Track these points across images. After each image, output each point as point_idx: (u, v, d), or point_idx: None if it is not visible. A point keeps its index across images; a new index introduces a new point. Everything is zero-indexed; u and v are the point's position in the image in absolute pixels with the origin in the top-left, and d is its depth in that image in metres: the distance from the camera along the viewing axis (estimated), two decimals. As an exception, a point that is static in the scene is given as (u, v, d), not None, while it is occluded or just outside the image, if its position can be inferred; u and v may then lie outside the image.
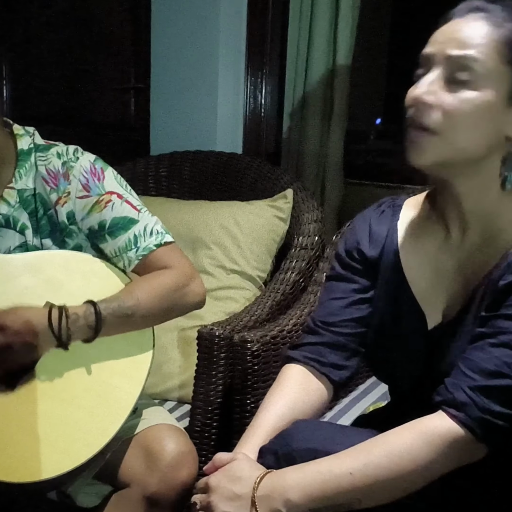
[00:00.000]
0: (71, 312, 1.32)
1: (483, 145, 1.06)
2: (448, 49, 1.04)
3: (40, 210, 1.45)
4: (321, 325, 1.27)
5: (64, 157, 1.45)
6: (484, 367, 1.03)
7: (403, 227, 1.23)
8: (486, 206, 1.11)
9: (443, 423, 1.03)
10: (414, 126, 1.06)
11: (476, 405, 1.01)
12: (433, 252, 1.18)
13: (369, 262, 1.24)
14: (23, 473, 1.29)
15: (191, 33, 2.53)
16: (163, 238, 1.45)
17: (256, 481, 1.07)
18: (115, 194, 1.45)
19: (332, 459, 1.05)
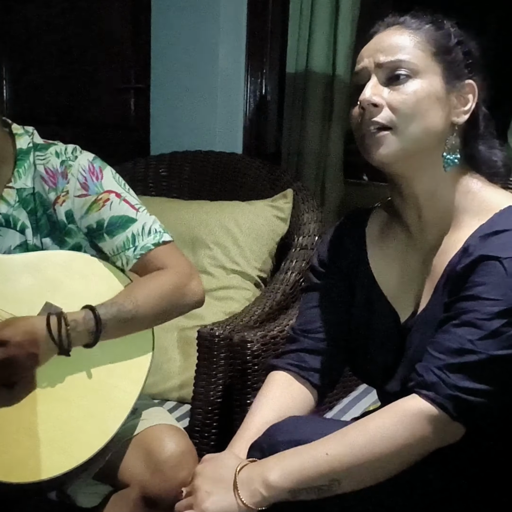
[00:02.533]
0: (70, 319, 1.32)
1: (437, 133, 1.12)
2: (377, 58, 1.14)
3: (39, 209, 1.45)
4: (300, 332, 1.32)
5: (62, 156, 1.45)
6: (449, 346, 1.06)
7: (370, 234, 1.29)
8: (440, 201, 1.16)
9: (416, 403, 1.06)
10: (367, 128, 1.12)
11: (445, 383, 1.04)
12: (399, 254, 1.24)
13: (341, 270, 1.30)
14: (23, 473, 1.29)
15: (191, 33, 2.53)
16: (161, 237, 1.45)
17: (239, 467, 1.10)
18: (114, 193, 1.45)
19: (312, 444, 1.08)
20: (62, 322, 1.31)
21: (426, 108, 1.11)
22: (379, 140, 1.11)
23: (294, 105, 2.53)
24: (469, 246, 1.10)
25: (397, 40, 1.14)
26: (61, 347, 1.32)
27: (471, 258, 1.08)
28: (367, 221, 1.30)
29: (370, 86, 1.13)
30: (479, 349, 1.04)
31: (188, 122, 2.59)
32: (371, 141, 1.12)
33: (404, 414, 1.05)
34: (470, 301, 1.07)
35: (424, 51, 1.13)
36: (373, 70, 1.14)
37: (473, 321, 1.05)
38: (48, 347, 1.31)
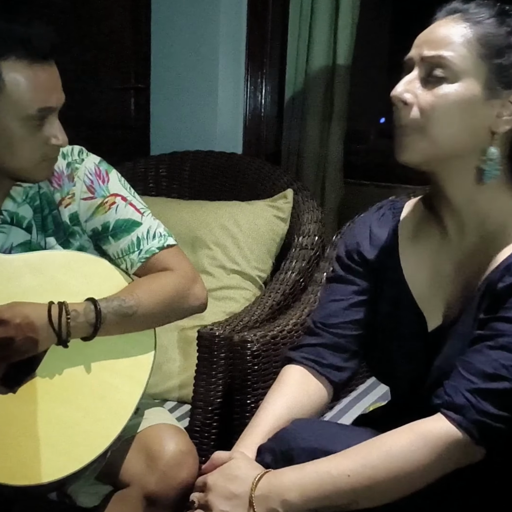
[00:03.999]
0: (71, 309, 1.32)
1: (467, 140, 1.08)
2: (423, 50, 1.08)
3: (45, 208, 1.45)
4: (321, 326, 1.27)
5: (69, 158, 1.45)
6: (482, 369, 1.03)
7: (403, 230, 1.23)
8: (478, 204, 1.11)
9: (441, 425, 1.03)
10: (397, 126, 1.09)
11: (474, 408, 1.02)
12: (432, 254, 1.18)
13: (369, 264, 1.25)
14: (24, 476, 1.28)
15: (191, 33, 2.53)
16: (166, 241, 1.45)
17: (254, 481, 1.07)
18: (120, 196, 1.45)
19: (330, 460, 1.06)
20: (63, 311, 1.31)
21: (460, 114, 1.06)
22: (404, 142, 1.08)
23: (294, 105, 2.53)
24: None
25: (446, 32, 1.07)
26: (59, 336, 1.31)
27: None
28: (400, 216, 1.25)
29: (404, 82, 1.09)
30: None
31: (188, 122, 2.59)
32: (397, 142, 1.09)
33: (429, 437, 1.03)
34: (508, 323, 1.03)
35: (471, 51, 1.06)
36: (417, 63, 1.09)
37: (509, 345, 1.02)
38: (47, 334, 1.31)
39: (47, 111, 1.32)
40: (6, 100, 1.28)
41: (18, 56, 1.27)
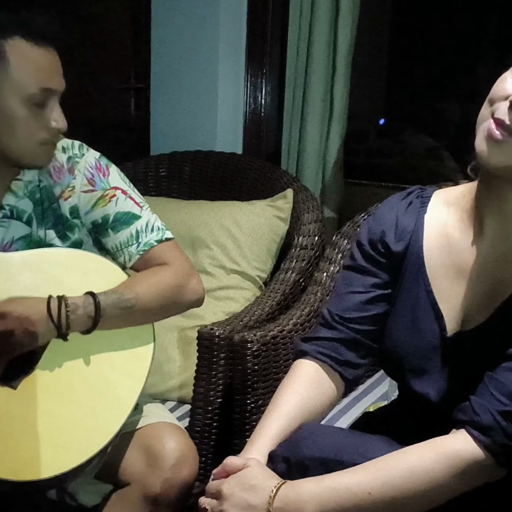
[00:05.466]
0: (70, 302, 1.33)
1: None
2: None
3: (45, 201, 1.46)
4: (339, 319, 1.22)
5: (69, 152, 1.47)
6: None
7: (430, 222, 1.16)
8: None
9: (466, 446, 1.01)
10: (503, 126, 1.00)
11: (504, 431, 1.00)
12: (461, 253, 1.13)
13: (394, 256, 1.18)
14: (24, 472, 1.29)
15: (191, 33, 2.53)
16: (164, 234, 1.47)
17: (271, 493, 1.05)
18: (120, 190, 1.47)
19: (350, 475, 1.04)
20: (62, 304, 1.32)
21: None
22: (505, 149, 1.00)
23: (294, 105, 2.53)
24: None
25: None
26: (59, 329, 1.32)
27: None
28: (428, 206, 1.17)
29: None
30: None
31: (188, 122, 2.59)
32: (496, 144, 1.00)
33: (453, 458, 1.01)
34: None
35: None
36: None
37: None
38: (46, 327, 1.31)
39: (48, 93, 1.33)
40: (10, 79, 1.30)
41: (23, 37, 1.30)
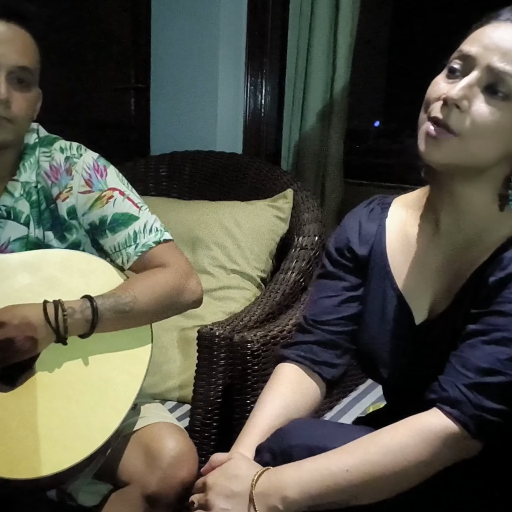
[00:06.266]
0: (67, 306, 1.33)
1: (496, 157, 1.07)
2: (491, 57, 1.03)
3: (42, 203, 1.46)
4: (313, 323, 1.28)
5: (67, 152, 1.47)
6: (477, 364, 1.04)
7: (391, 225, 1.24)
8: (479, 208, 1.12)
9: (438, 420, 1.04)
10: (438, 123, 1.05)
11: (471, 402, 1.03)
12: (420, 249, 1.20)
13: (359, 259, 1.26)
14: (23, 470, 1.29)
15: (191, 33, 2.53)
16: (162, 235, 1.46)
17: (254, 478, 1.08)
18: (117, 190, 1.47)
19: (329, 456, 1.06)
20: (59, 308, 1.32)
21: (501, 135, 1.05)
22: (441, 142, 1.05)
23: (294, 105, 2.53)
24: (504, 259, 1.06)
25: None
26: (58, 333, 1.32)
27: (506, 271, 1.04)
28: (388, 211, 1.26)
29: (464, 86, 1.04)
30: (508, 370, 1.02)
31: (188, 122, 2.59)
32: (434, 140, 1.06)
33: (426, 433, 1.03)
34: (502, 317, 1.04)
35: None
36: (480, 67, 1.04)
37: (503, 340, 1.03)
38: (45, 333, 1.32)
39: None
40: None
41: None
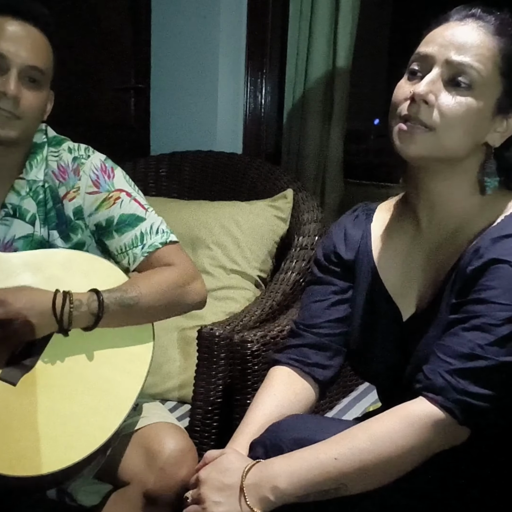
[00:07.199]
0: (75, 298, 1.34)
1: (468, 148, 1.11)
2: (448, 53, 1.09)
3: (49, 202, 1.47)
4: (303, 327, 1.31)
5: (75, 152, 1.48)
6: (458, 350, 1.06)
7: (376, 229, 1.28)
8: (454, 203, 1.16)
9: (423, 407, 1.05)
10: (409, 120, 1.10)
11: (454, 388, 1.04)
12: (404, 249, 1.23)
13: (346, 264, 1.30)
14: (24, 467, 1.29)
15: (191, 33, 2.53)
16: (168, 237, 1.48)
17: (244, 470, 1.09)
18: (124, 192, 1.48)
19: (318, 446, 1.08)
20: (67, 300, 1.32)
21: (470, 124, 1.09)
22: (414, 137, 1.10)
23: (294, 105, 2.53)
24: (480, 248, 1.09)
25: (472, 41, 1.09)
26: (61, 324, 1.33)
27: (482, 260, 1.07)
28: (373, 216, 1.30)
29: (428, 81, 1.10)
30: (488, 355, 1.04)
31: (188, 122, 2.59)
32: (406, 132, 1.10)
33: (412, 419, 1.05)
34: (480, 304, 1.06)
35: (496, 66, 1.09)
36: (440, 63, 1.10)
37: (483, 325, 1.05)
38: (48, 321, 1.32)
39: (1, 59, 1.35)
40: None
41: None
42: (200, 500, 1.10)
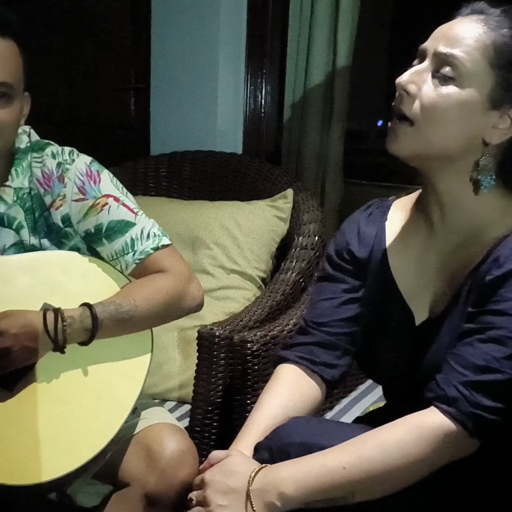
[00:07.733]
0: (67, 315, 1.31)
1: (460, 145, 1.08)
2: (438, 45, 1.08)
3: (37, 210, 1.44)
4: (313, 325, 1.28)
5: (59, 158, 1.44)
6: (474, 362, 1.04)
7: (391, 228, 1.25)
8: (464, 203, 1.13)
9: (435, 418, 1.04)
10: (394, 114, 1.10)
11: (467, 400, 1.03)
12: (419, 251, 1.20)
13: (359, 262, 1.26)
14: (24, 476, 1.28)
15: (191, 33, 2.53)
16: (160, 241, 1.44)
17: (251, 475, 1.08)
18: (112, 197, 1.44)
19: (326, 453, 1.07)
20: (59, 318, 1.31)
21: (460, 117, 1.06)
22: (397, 133, 1.09)
23: (294, 105, 2.53)
24: (500, 257, 1.06)
25: (464, 32, 1.07)
26: (56, 343, 1.31)
27: (502, 270, 1.04)
28: (388, 214, 1.27)
29: (412, 72, 1.09)
30: (504, 368, 1.02)
31: (188, 122, 2.59)
32: (391, 130, 1.10)
33: (423, 429, 1.03)
34: (498, 315, 1.04)
35: (484, 57, 1.06)
36: (429, 56, 1.09)
37: (500, 338, 1.03)
38: (43, 342, 1.31)
39: None
40: None
41: None
42: (205, 503, 1.09)
